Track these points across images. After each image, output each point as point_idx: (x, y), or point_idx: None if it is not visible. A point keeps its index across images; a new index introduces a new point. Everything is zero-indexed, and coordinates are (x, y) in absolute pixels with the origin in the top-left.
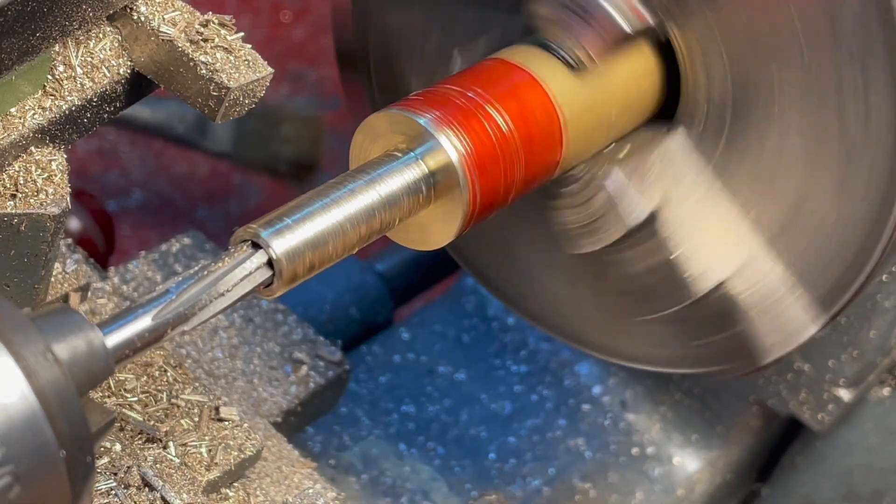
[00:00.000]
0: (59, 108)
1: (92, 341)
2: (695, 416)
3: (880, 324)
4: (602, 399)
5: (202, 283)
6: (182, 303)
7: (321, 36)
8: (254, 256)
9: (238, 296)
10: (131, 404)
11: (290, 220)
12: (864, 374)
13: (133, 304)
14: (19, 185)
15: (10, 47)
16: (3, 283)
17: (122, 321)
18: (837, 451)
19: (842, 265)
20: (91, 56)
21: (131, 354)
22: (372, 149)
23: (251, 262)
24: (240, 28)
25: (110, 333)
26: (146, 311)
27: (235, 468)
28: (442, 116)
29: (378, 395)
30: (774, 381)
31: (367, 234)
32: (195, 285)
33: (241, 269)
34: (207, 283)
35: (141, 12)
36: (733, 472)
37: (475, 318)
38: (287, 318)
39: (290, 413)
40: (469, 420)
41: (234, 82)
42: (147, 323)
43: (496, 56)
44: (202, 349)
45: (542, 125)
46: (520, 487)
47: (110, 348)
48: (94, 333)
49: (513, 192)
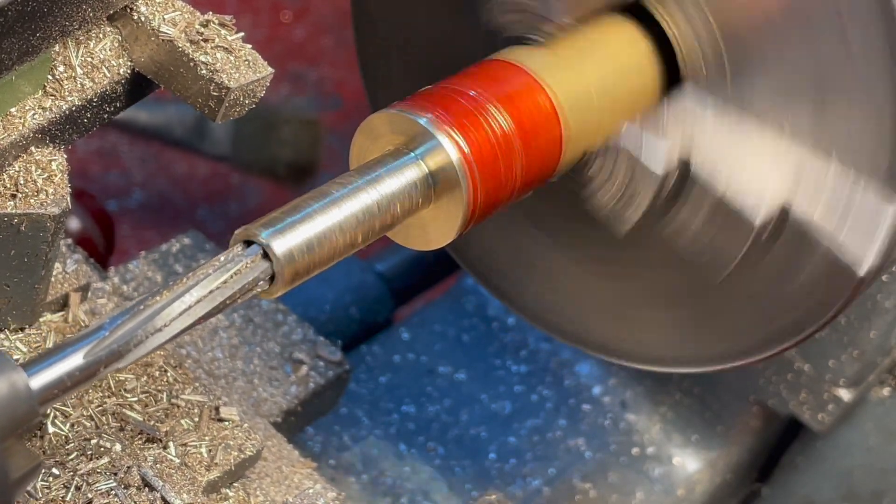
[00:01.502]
0: (59, 109)
1: (15, 383)
2: (695, 416)
3: (880, 324)
4: (602, 399)
5: (138, 318)
6: (116, 339)
7: (321, 36)
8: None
9: (239, 297)
10: (131, 404)
11: (290, 220)
12: (864, 374)
13: (63, 342)
14: (19, 185)
15: (10, 47)
16: (3, 283)
17: (50, 360)
18: (837, 451)
19: (887, 134)
20: (91, 56)
21: (60, 394)
22: (372, 149)
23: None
24: (240, 28)
25: (36, 374)
26: (77, 349)
27: (235, 468)
28: (442, 116)
29: (378, 395)
30: (774, 381)
31: (366, 235)
32: (130, 321)
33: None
34: (143, 318)
35: (141, 12)
36: (733, 472)
37: (475, 318)
38: (287, 318)
39: (290, 413)
40: (469, 420)
41: (234, 82)
42: (78, 361)
43: (496, 56)
44: (202, 349)
45: (543, 125)
46: (520, 487)
47: (35, 389)
48: (17, 375)
49: (513, 191)
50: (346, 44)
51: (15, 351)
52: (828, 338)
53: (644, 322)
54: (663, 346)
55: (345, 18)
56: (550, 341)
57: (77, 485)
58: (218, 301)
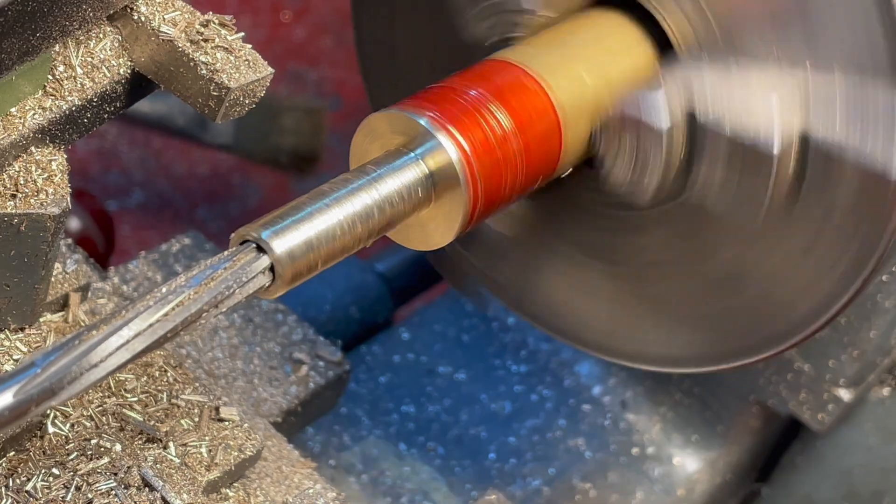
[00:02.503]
0: (59, 108)
1: None
2: (695, 416)
3: (880, 324)
4: (602, 399)
5: (72, 354)
6: (48, 377)
7: (321, 36)
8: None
9: (240, 296)
10: (131, 404)
11: (290, 220)
12: (864, 374)
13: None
14: (19, 185)
15: (11, 47)
16: (4, 283)
17: None
18: (837, 451)
19: (878, 28)
20: (91, 56)
21: None
22: (372, 149)
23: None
24: (240, 28)
25: None
26: (7, 388)
27: (235, 468)
28: (442, 116)
29: (378, 395)
30: (774, 381)
31: (366, 235)
32: (64, 356)
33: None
34: (77, 353)
35: (141, 12)
36: (733, 472)
37: (475, 318)
38: (287, 318)
39: (290, 413)
40: (469, 420)
41: (234, 82)
42: (7, 400)
43: (495, 56)
44: (202, 349)
45: (543, 124)
46: (520, 487)
47: None
48: None
49: (513, 191)
50: (346, 44)
51: (15, 351)
52: (828, 338)
53: (644, 322)
54: (663, 346)
55: (345, 18)
56: (550, 341)
57: (77, 485)
58: (159, 334)
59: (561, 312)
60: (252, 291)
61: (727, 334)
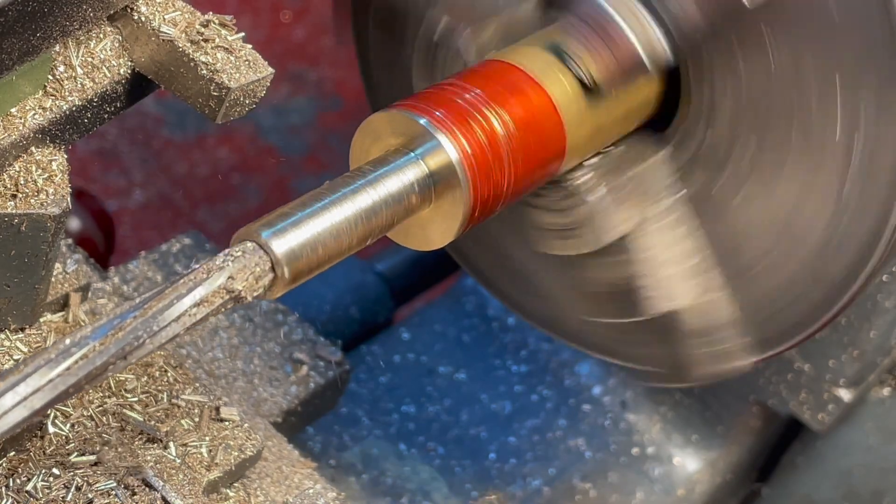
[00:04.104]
0: (59, 109)
1: None
2: (695, 416)
3: (880, 324)
4: (602, 399)
5: None
6: None
7: (321, 36)
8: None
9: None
10: (132, 404)
11: (291, 220)
12: (864, 374)
13: None
14: (20, 185)
15: (11, 47)
16: (4, 283)
17: None
18: (837, 451)
19: (792, 316)
20: (91, 56)
21: None
22: (372, 149)
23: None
24: (240, 28)
25: None
26: None
27: (236, 468)
28: (442, 117)
29: (378, 395)
30: (774, 381)
31: (367, 235)
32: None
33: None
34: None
35: (141, 12)
36: (733, 472)
37: (475, 318)
38: (287, 318)
39: (290, 413)
40: (469, 420)
41: (234, 82)
42: None
43: (498, 57)
44: (202, 349)
45: (544, 128)
46: (520, 487)
47: None
48: None
49: (513, 192)
50: (346, 44)
51: (15, 351)
52: (828, 338)
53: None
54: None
55: None
56: (550, 341)
57: (77, 485)
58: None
59: (560, 313)
60: (253, 291)
61: None
